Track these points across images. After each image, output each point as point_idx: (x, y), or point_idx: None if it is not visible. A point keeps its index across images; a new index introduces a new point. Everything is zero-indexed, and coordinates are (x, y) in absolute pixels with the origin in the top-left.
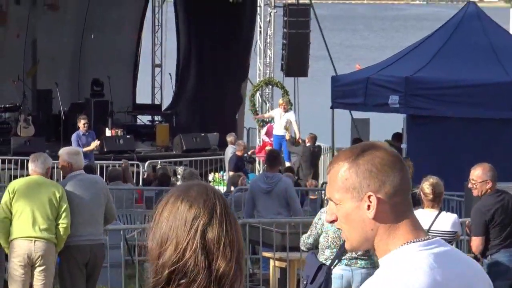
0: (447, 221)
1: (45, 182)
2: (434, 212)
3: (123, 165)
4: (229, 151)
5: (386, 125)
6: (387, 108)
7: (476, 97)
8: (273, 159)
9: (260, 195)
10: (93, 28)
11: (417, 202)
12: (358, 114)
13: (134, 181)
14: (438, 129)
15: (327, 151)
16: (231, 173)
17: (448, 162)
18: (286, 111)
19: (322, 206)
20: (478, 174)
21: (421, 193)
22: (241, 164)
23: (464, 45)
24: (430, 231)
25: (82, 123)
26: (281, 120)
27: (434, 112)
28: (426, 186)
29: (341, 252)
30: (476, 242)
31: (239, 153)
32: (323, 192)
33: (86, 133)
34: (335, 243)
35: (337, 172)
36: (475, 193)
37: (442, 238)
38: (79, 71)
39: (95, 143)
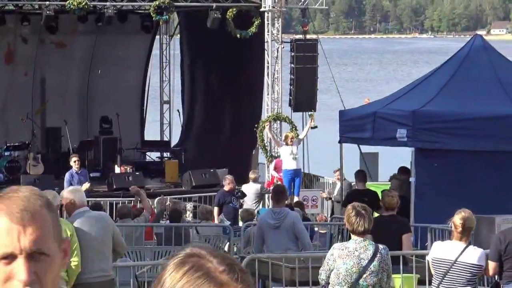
0: (474, 254)
1: None
2: (463, 244)
3: (132, 190)
4: (247, 188)
5: (395, 158)
6: (395, 142)
7: (483, 130)
8: (279, 194)
9: (269, 230)
10: (100, 66)
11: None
12: (366, 148)
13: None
14: (447, 162)
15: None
16: (215, 208)
17: (457, 195)
18: (292, 144)
19: (331, 240)
20: None
21: (452, 225)
22: (228, 200)
23: (471, 78)
24: (457, 262)
25: (73, 161)
26: (292, 154)
27: (442, 145)
28: (458, 219)
29: None
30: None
31: (226, 188)
32: (332, 226)
33: (79, 172)
34: (346, 281)
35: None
36: None
37: (468, 271)
38: (87, 109)
39: (86, 186)
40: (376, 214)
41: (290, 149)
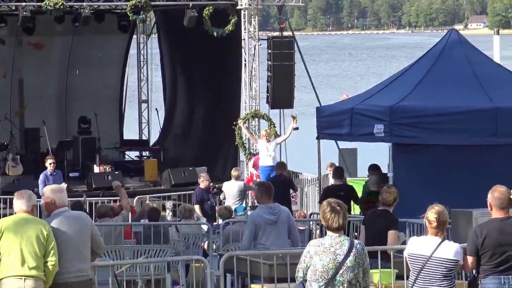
0: (449, 249)
1: (32, 220)
2: (438, 239)
3: (114, 185)
4: (230, 185)
5: (373, 154)
6: (373, 138)
7: (460, 124)
8: (269, 190)
9: (267, 226)
10: (77, 66)
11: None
12: (344, 144)
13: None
14: (424, 157)
15: (314, 182)
16: (197, 206)
17: (434, 190)
18: (269, 141)
19: (310, 237)
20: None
21: (426, 221)
22: (206, 197)
23: (447, 73)
24: (432, 258)
25: (49, 163)
26: (267, 151)
27: (419, 140)
28: (431, 214)
29: None
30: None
31: (202, 186)
32: (311, 222)
33: (54, 173)
34: (322, 277)
35: None
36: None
37: (444, 266)
38: (65, 109)
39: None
40: (357, 210)
41: (266, 146)
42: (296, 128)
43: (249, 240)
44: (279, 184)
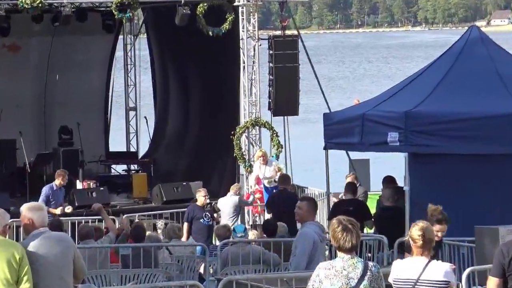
0: (438, 270)
1: (3, 242)
2: (424, 260)
3: (95, 208)
4: (225, 201)
5: (387, 165)
6: (387, 147)
7: (483, 130)
8: (316, 206)
9: (318, 244)
10: (57, 70)
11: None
12: (356, 155)
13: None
14: (444, 168)
15: (323, 197)
16: (185, 224)
17: (455, 204)
18: (265, 163)
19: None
20: None
21: (410, 239)
22: (199, 215)
23: (468, 74)
24: (419, 281)
25: (61, 177)
26: (265, 174)
27: (438, 149)
28: (415, 231)
29: None
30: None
31: (198, 202)
32: None
33: (60, 189)
34: None
35: None
36: None
37: None
38: (44, 118)
39: (69, 208)
40: (369, 230)
41: (263, 170)
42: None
43: (306, 260)
44: (283, 200)
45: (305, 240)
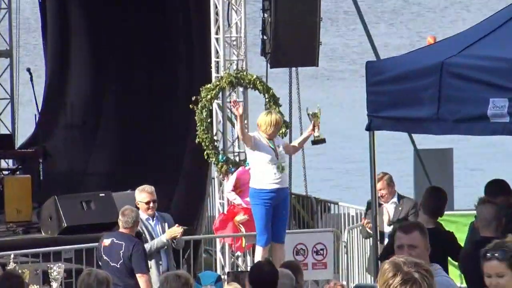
0: None
1: None
2: None
3: None
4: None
5: (487, 160)
6: (487, 125)
7: None
8: None
9: None
10: None
11: None
12: (427, 141)
13: None
14: None
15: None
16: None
17: None
18: (271, 138)
19: None
20: None
21: None
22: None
23: None
24: None
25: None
26: (271, 162)
27: None
28: None
29: None
30: None
31: (124, 230)
32: None
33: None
34: None
35: None
36: None
37: None
38: None
39: None
40: (456, 273)
41: (268, 146)
42: (320, 141)
43: None
44: None
45: None
